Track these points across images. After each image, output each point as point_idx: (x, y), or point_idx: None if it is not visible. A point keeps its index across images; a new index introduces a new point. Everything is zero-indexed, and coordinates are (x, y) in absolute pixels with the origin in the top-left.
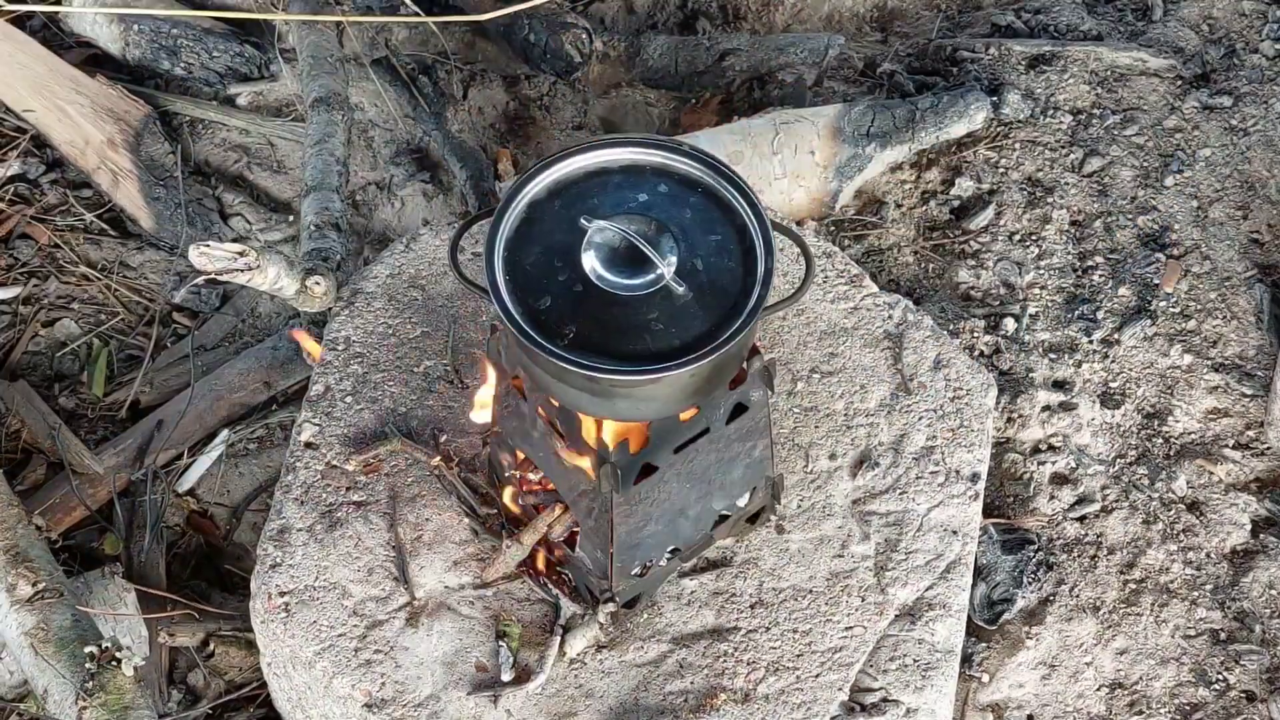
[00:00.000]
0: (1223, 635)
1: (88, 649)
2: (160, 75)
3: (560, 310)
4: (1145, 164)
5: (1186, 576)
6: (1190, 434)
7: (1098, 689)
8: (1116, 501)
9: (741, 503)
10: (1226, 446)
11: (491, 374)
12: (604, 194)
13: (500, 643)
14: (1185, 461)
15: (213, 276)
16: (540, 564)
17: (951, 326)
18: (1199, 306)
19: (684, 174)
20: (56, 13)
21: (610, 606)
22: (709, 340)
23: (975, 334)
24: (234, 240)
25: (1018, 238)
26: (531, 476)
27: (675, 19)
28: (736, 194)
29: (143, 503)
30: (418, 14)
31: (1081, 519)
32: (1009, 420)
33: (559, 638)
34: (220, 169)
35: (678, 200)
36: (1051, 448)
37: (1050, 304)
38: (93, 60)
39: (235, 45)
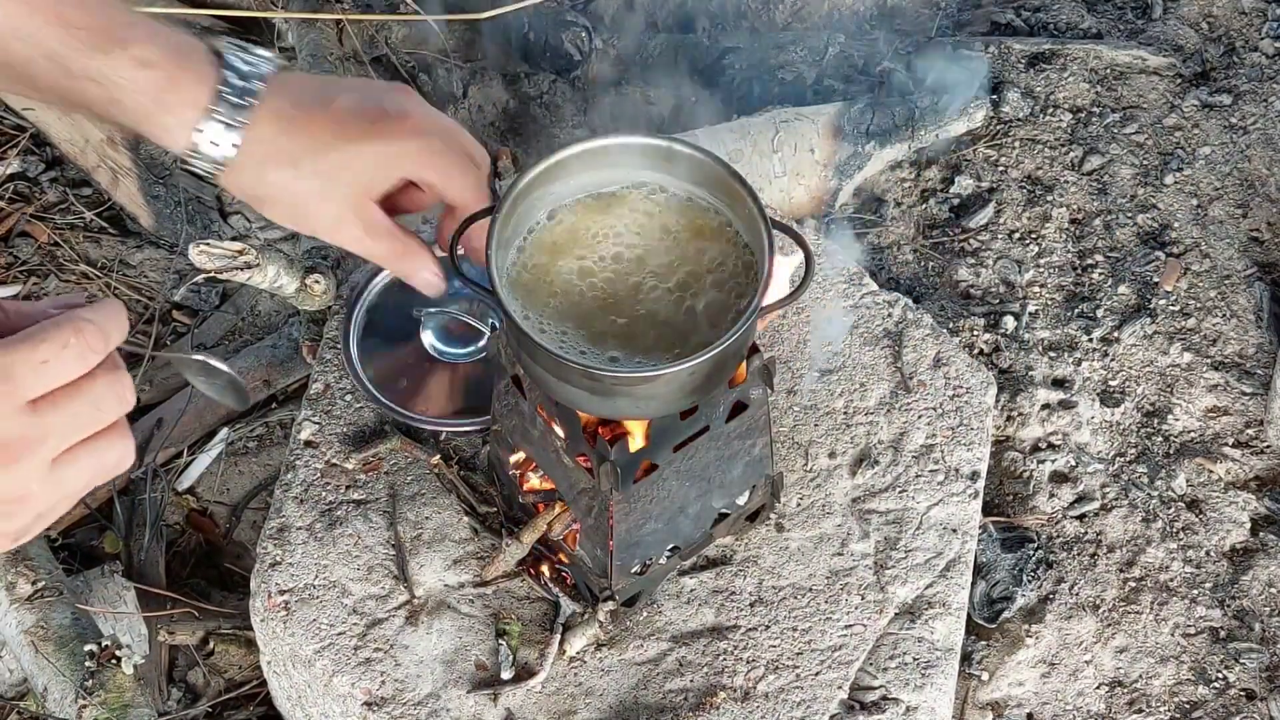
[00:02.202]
0: (1222, 633)
1: (87, 647)
2: None
3: None
4: (1145, 162)
5: (1186, 575)
6: (1190, 432)
7: (1097, 687)
8: (1116, 500)
9: (741, 501)
10: (1226, 445)
11: None
12: None
13: (500, 641)
14: (1185, 460)
15: (212, 275)
16: (539, 563)
17: (951, 325)
18: (1199, 305)
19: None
20: None
21: (610, 605)
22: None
23: (975, 332)
24: (234, 238)
25: (1017, 236)
26: (531, 475)
27: (675, 17)
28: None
29: (142, 501)
30: (417, 12)
31: (1081, 517)
32: (1009, 418)
33: (559, 636)
34: None
35: None
36: (1051, 446)
37: (1050, 302)
38: None
39: None
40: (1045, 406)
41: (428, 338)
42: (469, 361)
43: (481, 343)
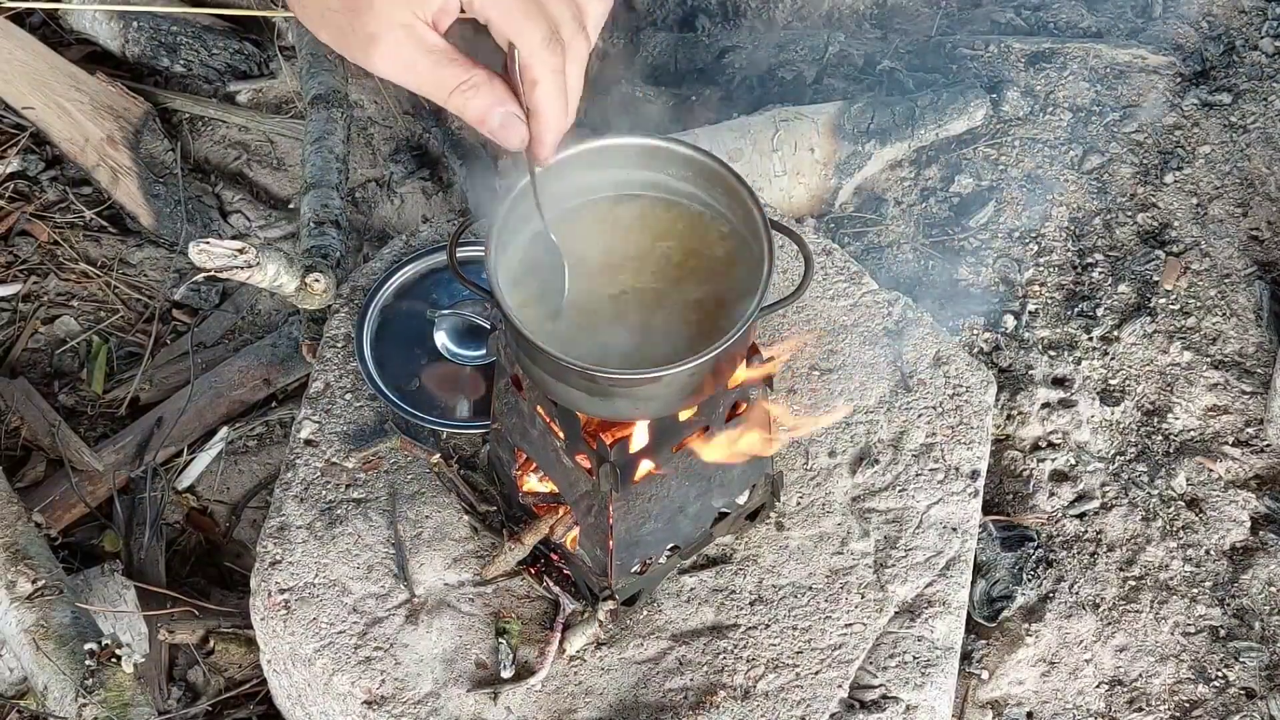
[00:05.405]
0: (1222, 632)
1: (87, 646)
2: (160, 72)
3: None
4: (1145, 161)
5: (1186, 573)
6: (1190, 431)
7: (1097, 686)
8: (1116, 498)
9: (741, 500)
10: (1226, 444)
11: None
12: None
13: (500, 640)
14: (1185, 458)
15: (212, 274)
16: (539, 561)
17: (951, 323)
18: (1199, 304)
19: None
20: (56, 9)
21: (610, 604)
22: None
23: (975, 331)
24: (233, 237)
25: (1017, 234)
26: (532, 476)
27: (675, 16)
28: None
29: (142, 500)
30: None
31: (1081, 516)
32: (1008, 417)
33: (559, 635)
34: (220, 166)
35: None
36: (1051, 445)
37: (1050, 301)
38: (92, 57)
39: (235, 42)
40: (1045, 405)
41: (440, 338)
42: (482, 364)
43: None
